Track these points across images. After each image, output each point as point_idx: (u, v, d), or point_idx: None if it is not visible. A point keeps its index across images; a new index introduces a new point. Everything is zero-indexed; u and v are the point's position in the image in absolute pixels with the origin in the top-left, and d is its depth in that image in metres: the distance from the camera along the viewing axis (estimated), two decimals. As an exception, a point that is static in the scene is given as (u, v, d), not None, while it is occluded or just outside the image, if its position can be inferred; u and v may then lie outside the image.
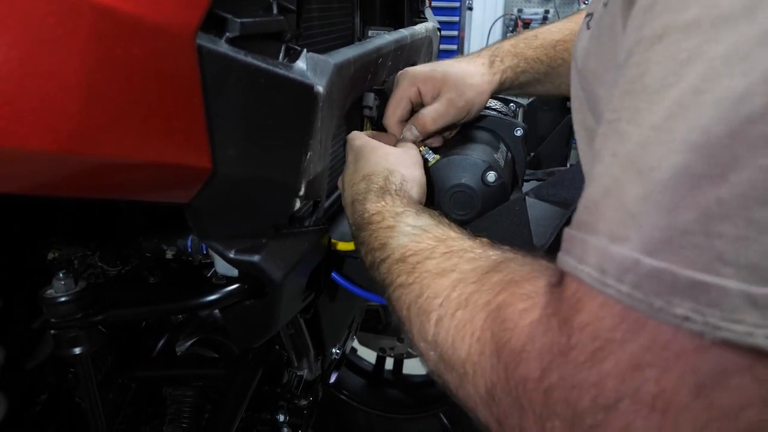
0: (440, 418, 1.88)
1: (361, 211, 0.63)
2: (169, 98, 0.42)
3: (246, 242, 0.57)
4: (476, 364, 0.38)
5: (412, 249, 0.52)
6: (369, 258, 0.59)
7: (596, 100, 0.47)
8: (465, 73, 0.83)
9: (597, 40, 0.48)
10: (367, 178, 0.67)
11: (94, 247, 0.74)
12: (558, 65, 0.86)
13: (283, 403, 0.98)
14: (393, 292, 0.52)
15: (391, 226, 0.58)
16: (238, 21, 0.46)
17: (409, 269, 0.51)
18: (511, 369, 0.34)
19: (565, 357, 0.31)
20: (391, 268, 0.53)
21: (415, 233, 0.55)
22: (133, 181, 0.44)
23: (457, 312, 0.42)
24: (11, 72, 0.32)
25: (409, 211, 0.59)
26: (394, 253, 0.54)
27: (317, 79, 0.58)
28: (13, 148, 0.33)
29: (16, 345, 0.71)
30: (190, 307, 0.64)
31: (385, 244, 0.56)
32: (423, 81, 0.82)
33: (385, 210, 0.61)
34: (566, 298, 0.32)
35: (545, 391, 0.32)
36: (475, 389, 0.38)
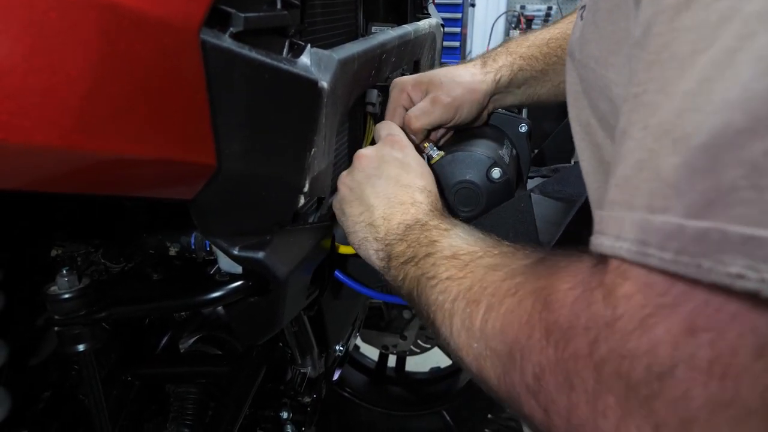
0: (443, 415, 1.88)
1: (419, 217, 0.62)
2: (173, 94, 0.41)
3: (250, 239, 0.57)
4: (524, 348, 0.37)
5: (466, 249, 0.53)
6: (409, 252, 0.58)
7: (604, 85, 0.46)
8: (453, 74, 0.84)
9: (594, 26, 0.47)
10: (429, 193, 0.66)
11: (98, 244, 0.74)
12: (553, 62, 0.86)
13: (287, 400, 0.98)
14: (435, 285, 0.51)
15: (447, 229, 0.58)
16: (242, 16, 0.46)
17: (461, 265, 0.50)
18: (561, 348, 0.33)
19: (612, 328, 0.30)
20: (438, 262, 0.53)
21: (468, 238, 0.55)
22: (137, 178, 0.44)
23: (505, 299, 0.41)
24: (14, 66, 0.32)
25: (462, 224, 0.60)
26: (444, 250, 0.54)
27: (321, 74, 0.58)
28: (16, 143, 0.33)
29: (20, 342, 0.71)
30: (195, 304, 0.64)
31: (435, 241, 0.56)
32: (411, 87, 0.84)
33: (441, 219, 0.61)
34: (610, 271, 0.31)
35: (596, 367, 0.31)
36: (522, 376, 0.37)
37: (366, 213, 0.65)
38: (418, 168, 0.68)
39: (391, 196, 0.65)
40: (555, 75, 0.87)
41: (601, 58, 0.47)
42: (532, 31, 0.92)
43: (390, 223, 0.63)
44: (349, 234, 0.67)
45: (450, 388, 1.94)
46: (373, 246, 0.64)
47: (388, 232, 0.62)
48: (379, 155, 0.69)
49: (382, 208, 0.64)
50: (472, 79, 0.84)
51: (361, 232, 0.65)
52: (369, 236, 0.64)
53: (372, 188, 0.66)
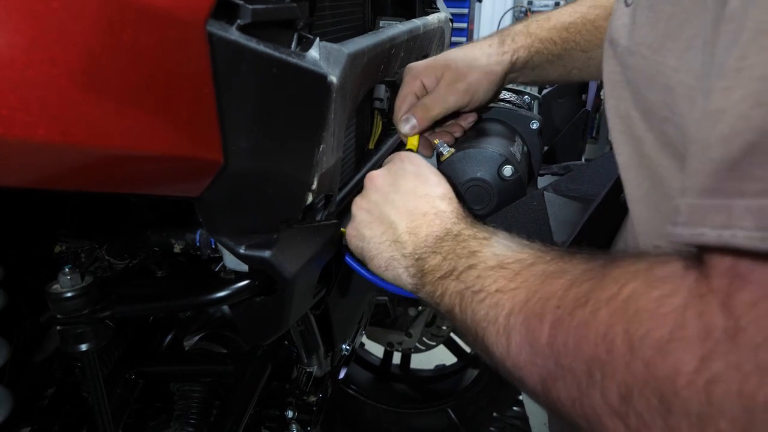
0: (448, 413, 1.87)
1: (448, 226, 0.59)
2: (179, 88, 0.40)
3: (257, 237, 0.55)
4: (605, 364, 0.33)
5: (512, 257, 0.49)
6: (446, 265, 0.54)
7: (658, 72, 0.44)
8: (468, 57, 0.81)
9: (649, 10, 0.45)
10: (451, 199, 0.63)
11: (102, 240, 0.73)
12: (570, 48, 0.84)
13: (292, 399, 0.97)
14: (483, 299, 0.48)
15: (486, 237, 0.54)
16: (249, 8, 0.44)
17: (511, 275, 0.47)
18: (654, 364, 0.30)
19: (734, 340, 0.26)
20: (483, 273, 0.49)
21: (511, 245, 0.51)
22: (142, 175, 0.43)
23: (576, 311, 0.37)
24: (15, 58, 0.30)
25: (500, 231, 0.56)
26: (488, 260, 0.50)
27: (330, 68, 0.56)
28: (17, 139, 0.31)
29: (24, 339, 0.71)
30: (200, 304, 0.63)
31: (476, 251, 0.53)
32: (425, 73, 0.81)
33: (476, 227, 0.57)
34: (719, 273, 0.28)
35: (705, 385, 0.27)
36: (604, 396, 0.33)
37: (389, 231, 0.62)
38: (434, 177, 0.66)
39: (412, 208, 0.62)
40: (569, 60, 0.85)
41: (656, 44, 0.44)
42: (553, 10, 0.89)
43: (417, 236, 0.60)
44: (373, 258, 0.64)
45: (455, 386, 1.93)
46: (402, 263, 0.60)
47: (416, 246, 0.59)
48: (391, 172, 0.67)
49: (405, 222, 0.61)
50: (488, 61, 0.81)
51: (387, 252, 0.62)
52: (396, 254, 0.61)
53: (391, 205, 0.63)
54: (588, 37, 0.83)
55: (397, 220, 0.62)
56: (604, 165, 0.70)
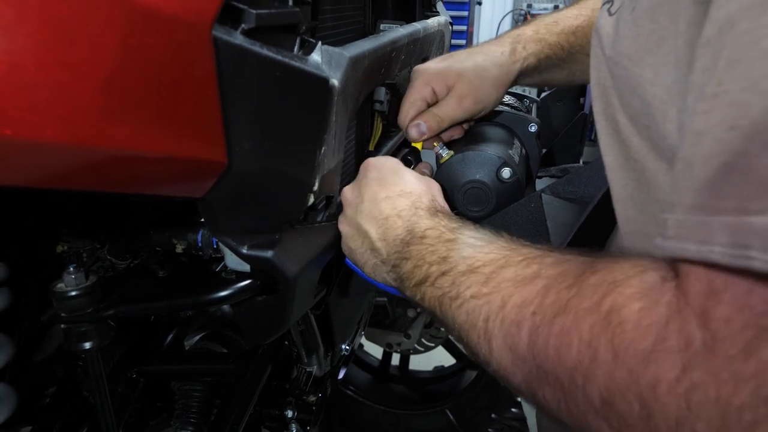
0: (446, 414, 1.87)
1: (409, 226, 0.60)
2: (185, 90, 0.41)
3: (259, 237, 0.56)
4: (588, 371, 0.35)
5: (482, 260, 0.49)
6: (419, 272, 0.55)
7: (637, 84, 0.45)
8: (479, 67, 0.81)
9: (632, 24, 0.46)
10: (408, 194, 0.64)
11: (103, 240, 0.73)
12: (576, 51, 0.85)
13: (292, 399, 0.98)
14: (461, 305, 0.48)
15: (452, 239, 0.55)
16: (254, 12, 0.45)
17: (483, 280, 0.47)
18: (638, 372, 0.32)
19: (712, 352, 0.29)
20: (457, 280, 0.50)
21: (479, 244, 0.52)
22: (147, 175, 0.43)
23: (556, 319, 0.38)
24: (25, 61, 0.31)
25: (467, 224, 0.56)
26: (458, 265, 0.51)
27: (332, 72, 0.57)
28: (27, 139, 0.32)
29: (25, 338, 0.71)
30: (203, 303, 0.63)
31: (445, 257, 0.53)
32: (436, 81, 0.81)
33: (440, 225, 0.58)
34: (695, 289, 0.30)
35: (685, 392, 0.29)
36: (586, 399, 0.35)
37: (366, 240, 0.64)
38: (394, 177, 0.67)
39: (376, 214, 0.63)
40: (573, 64, 0.86)
41: (636, 57, 0.46)
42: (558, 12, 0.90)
43: (386, 242, 0.61)
44: (363, 266, 0.66)
45: (454, 387, 1.94)
46: (383, 269, 0.62)
47: (388, 252, 0.61)
48: (357, 184, 0.68)
49: (375, 229, 0.63)
50: (499, 72, 0.82)
51: (370, 260, 0.64)
52: (376, 261, 0.63)
53: (360, 215, 0.65)
54: None
55: (368, 228, 0.63)
56: (601, 168, 0.71)
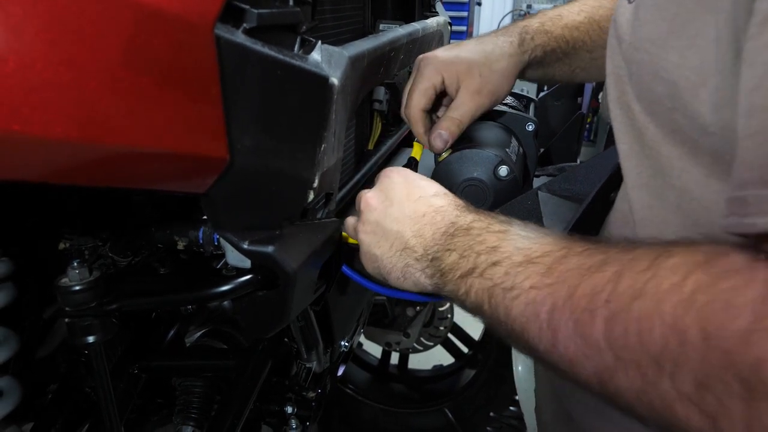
0: (445, 413, 1.88)
1: (452, 219, 0.58)
2: (188, 88, 0.42)
3: (260, 233, 0.57)
4: (678, 355, 0.34)
5: (539, 250, 0.47)
6: (465, 263, 0.53)
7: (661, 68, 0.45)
8: (490, 59, 0.80)
9: (654, 9, 0.47)
10: (444, 195, 0.63)
11: (105, 237, 0.74)
12: (579, 47, 0.85)
13: (292, 395, 0.99)
14: (516, 296, 0.47)
15: (502, 230, 0.53)
16: (255, 12, 0.46)
17: (543, 270, 0.45)
18: (736, 353, 0.31)
19: None
20: (512, 270, 0.48)
21: (533, 236, 0.50)
22: (152, 171, 0.44)
23: (633, 304, 0.37)
24: (35, 60, 0.32)
25: (514, 219, 0.55)
26: (512, 256, 0.49)
27: (332, 70, 0.58)
28: (36, 136, 0.33)
29: (28, 334, 0.72)
30: (205, 297, 0.64)
31: (496, 247, 0.51)
32: (446, 69, 0.80)
33: (487, 218, 0.56)
34: None
35: None
36: (675, 385, 0.34)
37: (396, 242, 0.62)
38: (423, 181, 0.66)
39: (410, 213, 0.62)
40: (575, 59, 0.86)
41: (659, 41, 0.46)
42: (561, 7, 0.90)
43: (424, 237, 0.60)
44: (390, 273, 0.64)
45: (452, 386, 1.95)
46: (417, 267, 0.61)
47: (426, 247, 0.59)
48: (382, 188, 0.67)
49: (409, 227, 0.61)
50: (508, 63, 0.81)
51: (400, 262, 0.62)
52: (409, 260, 0.61)
53: (390, 218, 0.63)
54: (594, 37, 0.85)
55: (401, 228, 0.62)
56: (596, 165, 0.72)
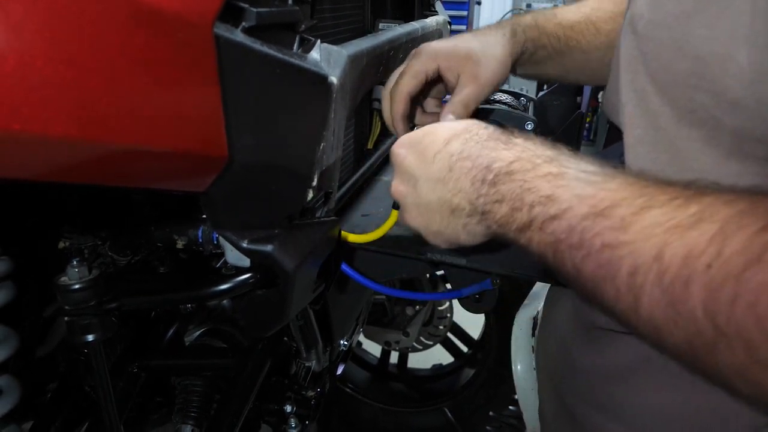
0: (444, 412, 1.88)
1: (483, 162, 0.52)
2: (187, 87, 0.42)
3: (259, 232, 0.57)
4: None
5: (609, 198, 0.41)
6: (520, 217, 0.48)
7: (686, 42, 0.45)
8: (486, 48, 0.80)
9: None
10: (456, 137, 0.57)
11: (104, 236, 0.74)
12: (572, 46, 0.85)
13: (291, 394, 0.99)
14: (587, 255, 0.41)
15: (554, 173, 0.46)
16: (254, 11, 0.46)
17: (617, 225, 0.40)
18: None
19: None
20: (577, 225, 0.42)
21: (596, 179, 0.44)
22: (151, 170, 0.44)
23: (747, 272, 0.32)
24: (34, 59, 0.32)
25: (560, 148, 0.49)
26: (574, 207, 0.43)
27: (331, 69, 0.58)
28: (35, 134, 0.33)
29: (27, 333, 0.72)
30: (205, 296, 0.64)
31: (550, 195, 0.45)
32: (445, 57, 0.78)
33: (527, 154, 0.49)
34: None
35: None
36: None
37: (443, 208, 0.57)
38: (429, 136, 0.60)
39: (438, 176, 0.57)
40: (569, 59, 0.86)
41: (684, 15, 0.45)
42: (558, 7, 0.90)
43: (465, 191, 0.54)
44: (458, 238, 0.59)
45: (452, 385, 1.95)
46: (473, 221, 0.55)
47: (471, 201, 0.54)
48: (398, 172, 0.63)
49: (445, 190, 0.56)
50: (503, 51, 0.80)
51: (458, 224, 0.57)
52: (463, 219, 0.56)
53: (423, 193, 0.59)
54: (589, 38, 0.84)
55: (439, 195, 0.57)
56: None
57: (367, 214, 0.90)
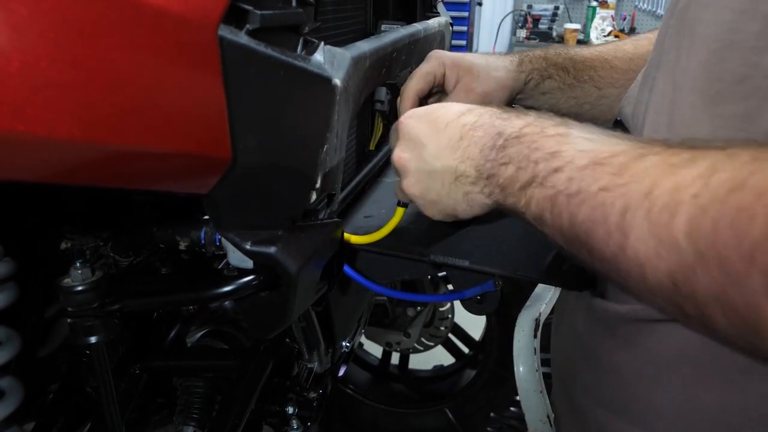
0: (446, 413, 1.88)
1: (496, 129, 0.54)
2: (191, 89, 0.42)
3: (262, 234, 0.57)
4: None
5: (608, 150, 0.44)
6: (524, 174, 0.50)
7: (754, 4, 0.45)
8: (491, 66, 0.85)
9: None
10: (469, 111, 0.59)
11: (107, 237, 0.74)
12: (584, 80, 0.87)
13: (293, 395, 0.99)
14: (583, 201, 0.43)
15: (561, 133, 0.49)
16: (258, 13, 0.46)
17: (615, 171, 0.42)
18: None
19: None
20: (576, 175, 0.44)
21: (598, 138, 0.46)
22: (155, 171, 0.44)
23: (730, 197, 0.33)
24: (37, 59, 0.32)
25: (570, 122, 0.50)
26: (576, 160, 0.45)
27: (335, 71, 0.58)
28: (39, 135, 0.33)
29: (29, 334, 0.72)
30: (208, 298, 0.64)
31: (556, 152, 0.47)
32: (450, 65, 0.84)
33: (537, 121, 0.52)
34: None
35: None
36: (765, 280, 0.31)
37: (446, 176, 0.59)
38: (440, 108, 0.63)
39: (447, 143, 0.59)
40: (582, 94, 0.88)
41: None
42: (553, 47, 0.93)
43: (472, 159, 0.56)
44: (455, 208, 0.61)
45: (453, 387, 1.95)
46: (476, 190, 0.57)
47: (477, 166, 0.56)
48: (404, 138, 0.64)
49: (452, 157, 0.58)
50: (506, 75, 0.85)
51: (459, 193, 0.59)
52: (465, 187, 0.58)
53: (428, 159, 0.60)
54: (603, 74, 0.87)
55: (444, 163, 0.59)
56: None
57: (370, 216, 0.90)
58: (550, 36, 4.86)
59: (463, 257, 0.80)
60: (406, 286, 1.65)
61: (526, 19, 4.91)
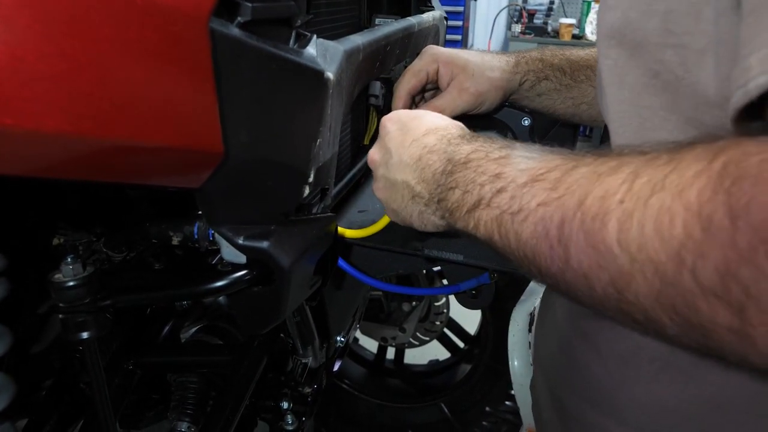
0: (441, 407, 1.89)
1: (446, 156, 0.56)
2: (182, 82, 0.41)
3: (255, 229, 0.57)
4: (700, 243, 0.31)
5: (545, 167, 0.44)
6: (470, 198, 0.51)
7: None
8: (486, 66, 0.84)
9: None
10: (434, 131, 0.61)
11: (99, 233, 0.74)
12: (581, 81, 0.87)
13: (287, 390, 0.99)
14: (525, 218, 0.44)
15: (503, 155, 0.50)
16: (249, 6, 0.46)
17: (550, 186, 0.43)
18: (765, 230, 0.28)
19: None
20: (517, 193, 0.45)
21: (536, 156, 0.47)
22: (146, 165, 0.44)
23: (652, 199, 0.34)
24: (27, 53, 0.32)
25: (515, 143, 0.52)
26: (516, 179, 0.46)
27: (327, 65, 0.58)
28: (29, 129, 0.33)
29: (22, 330, 0.72)
30: (200, 293, 0.64)
31: (498, 174, 0.48)
32: (444, 62, 0.84)
33: (483, 147, 0.53)
34: None
35: None
36: (697, 278, 0.31)
37: (405, 191, 0.61)
38: (416, 121, 0.64)
39: (408, 160, 0.60)
40: (579, 94, 0.88)
41: None
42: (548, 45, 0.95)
43: (426, 181, 0.58)
44: (412, 221, 0.63)
45: (448, 381, 1.95)
46: (429, 211, 0.59)
47: (430, 190, 0.58)
48: (381, 143, 0.66)
49: (411, 174, 0.60)
50: (501, 75, 0.85)
51: (414, 210, 0.61)
52: (420, 207, 0.60)
53: (392, 169, 0.62)
54: None
55: (405, 178, 0.61)
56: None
57: (364, 210, 0.90)
58: (545, 31, 4.85)
59: (458, 252, 0.80)
60: (401, 280, 1.65)
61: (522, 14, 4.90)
